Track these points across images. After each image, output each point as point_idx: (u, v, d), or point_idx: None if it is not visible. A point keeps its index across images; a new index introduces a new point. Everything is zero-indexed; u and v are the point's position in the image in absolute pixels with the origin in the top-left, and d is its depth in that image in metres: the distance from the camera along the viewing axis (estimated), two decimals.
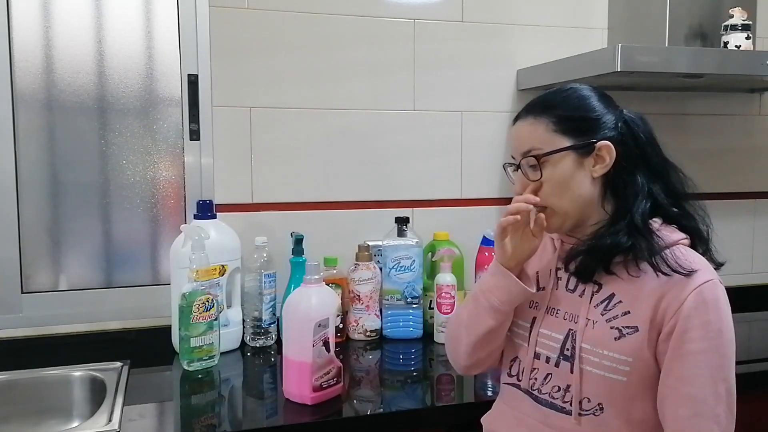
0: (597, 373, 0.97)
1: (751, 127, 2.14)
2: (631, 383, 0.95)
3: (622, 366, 0.95)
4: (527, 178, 1.02)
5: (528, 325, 1.07)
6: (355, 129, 1.79)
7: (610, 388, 0.96)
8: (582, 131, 0.99)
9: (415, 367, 1.58)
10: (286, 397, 1.30)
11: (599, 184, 1.00)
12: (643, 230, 0.96)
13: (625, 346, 0.95)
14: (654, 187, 1.00)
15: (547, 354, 1.03)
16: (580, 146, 0.98)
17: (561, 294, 1.04)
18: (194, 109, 1.69)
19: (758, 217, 2.16)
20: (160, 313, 1.64)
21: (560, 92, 1.05)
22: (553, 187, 1.00)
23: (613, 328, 0.96)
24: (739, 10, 1.70)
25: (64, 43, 1.61)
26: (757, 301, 2.11)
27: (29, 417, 1.43)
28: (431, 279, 1.77)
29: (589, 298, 1.00)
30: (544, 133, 0.99)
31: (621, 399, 0.96)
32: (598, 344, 0.97)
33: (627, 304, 0.96)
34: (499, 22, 1.87)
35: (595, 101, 1.02)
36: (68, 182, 1.65)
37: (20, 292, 1.63)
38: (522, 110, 1.05)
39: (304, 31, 1.73)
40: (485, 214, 1.89)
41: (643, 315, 0.94)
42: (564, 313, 1.03)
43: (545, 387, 1.03)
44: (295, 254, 1.66)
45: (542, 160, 0.99)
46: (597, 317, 0.98)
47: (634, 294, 0.96)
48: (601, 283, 0.99)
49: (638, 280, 0.96)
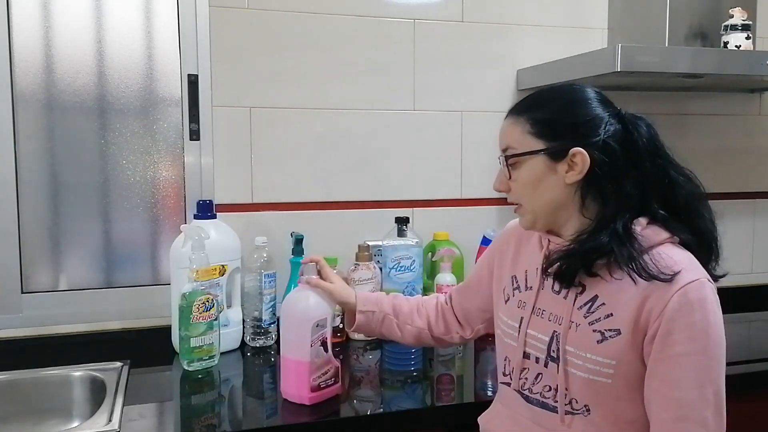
0: (581, 376, 0.96)
1: (751, 127, 2.14)
2: (617, 385, 0.94)
3: (605, 369, 0.93)
4: (505, 175, 1.03)
5: (516, 325, 1.06)
6: (355, 129, 1.79)
7: (595, 389, 0.95)
8: (557, 135, 0.97)
9: (415, 367, 1.58)
10: (284, 397, 1.30)
11: (576, 189, 0.97)
12: (624, 238, 0.92)
13: (608, 349, 0.93)
14: (650, 195, 0.96)
15: (536, 354, 1.03)
16: (552, 151, 0.97)
17: (547, 295, 1.03)
18: (194, 109, 1.69)
19: (758, 217, 2.16)
20: (160, 313, 1.64)
21: (549, 92, 1.03)
22: (522, 187, 1.01)
23: (596, 331, 0.94)
24: (739, 10, 1.70)
25: (64, 43, 1.62)
26: (757, 301, 2.11)
27: (29, 417, 1.43)
28: (431, 279, 1.77)
29: (573, 300, 0.98)
30: (521, 134, 0.99)
31: (608, 400, 0.95)
32: (581, 347, 0.96)
33: (610, 306, 0.94)
34: (499, 22, 1.87)
35: (582, 105, 0.98)
36: (68, 182, 1.65)
37: (20, 292, 1.63)
38: (511, 107, 1.05)
39: (304, 31, 1.73)
40: (485, 214, 1.89)
41: (626, 318, 0.92)
42: (549, 314, 1.01)
43: (536, 387, 1.03)
44: (295, 254, 1.66)
45: (513, 160, 1.00)
46: (580, 320, 0.97)
47: (617, 296, 0.93)
48: (585, 284, 0.97)
49: (622, 282, 0.94)
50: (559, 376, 0.98)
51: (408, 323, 1.28)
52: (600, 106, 0.98)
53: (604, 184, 0.95)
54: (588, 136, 0.95)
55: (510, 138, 1.01)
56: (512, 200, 1.04)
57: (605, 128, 0.96)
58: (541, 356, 1.01)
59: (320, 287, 1.26)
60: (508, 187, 1.03)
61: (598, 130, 0.96)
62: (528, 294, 1.06)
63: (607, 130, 0.96)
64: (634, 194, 0.95)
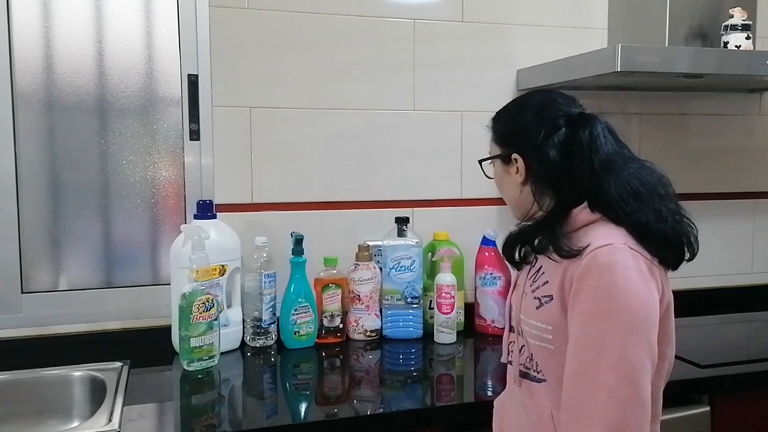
0: (532, 342, 1.02)
1: (751, 127, 2.14)
2: (559, 351, 0.96)
3: (545, 334, 0.99)
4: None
5: (508, 302, 1.15)
6: (355, 129, 1.79)
7: (546, 357, 1.00)
8: (506, 143, 1.10)
9: (415, 367, 1.58)
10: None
11: (527, 186, 1.07)
12: (548, 224, 1.01)
13: (544, 314, 0.99)
14: (584, 194, 0.99)
15: (513, 326, 1.10)
16: (502, 156, 1.10)
17: (522, 272, 1.10)
18: (194, 109, 1.69)
19: (758, 217, 2.16)
20: (160, 313, 1.64)
21: (511, 102, 1.15)
22: (496, 186, 1.16)
23: (536, 298, 1.01)
24: (739, 10, 1.70)
25: (64, 43, 1.61)
26: (757, 301, 2.11)
27: (29, 417, 1.43)
28: (431, 279, 1.77)
29: (527, 272, 1.06)
30: (491, 142, 1.15)
31: (557, 367, 0.97)
32: (527, 314, 1.03)
33: (547, 275, 1.00)
34: (499, 22, 1.87)
35: (525, 113, 1.07)
36: (68, 182, 1.65)
37: (20, 292, 1.63)
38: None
39: (303, 31, 1.73)
40: (485, 214, 1.89)
41: (556, 283, 0.97)
42: (519, 287, 1.09)
43: (521, 358, 1.06)
44: (295, 254, 1.66)
45: (485, 164, 1.16)
46: (527, 288, 1.04)
47: (551, 264, 0.99)
48: (538, 257, 1.05)
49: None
50: (524, 343, 1.04)
51: None
52: (548, 112, 1.05)
53: (544, 182, 1.05)
54: (525, 141, 1.06)
55: (489, 145, 1.16)
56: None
57: (545, 133, 1.03)
58: (516, 327, 1.08)
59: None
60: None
61: (535, 136, 1.04)
62: (517, 273, 1.14)
63: (546, 135, 1.03)
64: (572, 190, 1.01)
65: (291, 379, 1.52)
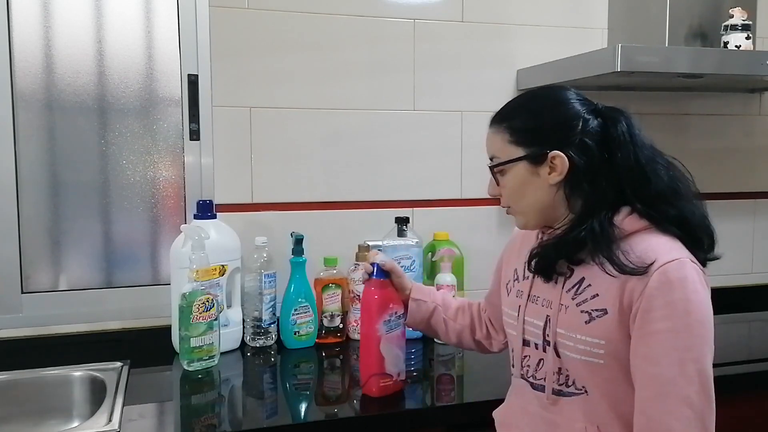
0: (575, 357, 0.97)
1: (751, 127, 2.14)
2: (610, 366, 0.95)
3: (596, 349, 0.95)
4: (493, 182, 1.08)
5: (515, 314, 1.09)
6: (355, 129, 1.79)
7: (590, 371, 0.97)
8: (536, 141, 1.00)
9: (415, 367, 1.58)
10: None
11: (559, 188, 1.00)
12: (599, 232, 0.95)
13: (596, 329, 0.95)
14: (625, 185, 0.97)
15: (534, 341, 1.05)
16: (532, 156, 1.00)
17: (540, 282, 1.05)
18: (194, 109, 1.69)
19: (758, 217, 2.16)
20: (160, 313, 1.64)
21: (525, 98, 1.07)
22: (510, 193, 1.05)
23: (584, 312, 0.97)
24: (739, 10, 1.70)
25: (64, 43, 1.61)
26: (757, 301, 2.11)
27: (29, 417, 1.43)
28: (431, 279, 1.77)
29: (562, 284, 1.01)
30: (501, 143, 1.03)
31: (603, 382, 0.96)
32: (571, 328, 0.98)
33: (596, 287, 0.96)
34: (499, 22, 1.87)
35: (556, 107, 1.01)
36: (68, 182, 1.65)
37: (20, 292, 1.63)
38: (493, 115, 1.08)
39: (303, 31, 1.73)
40: (485, 214, 1.89)
41: (611, 297, 0.94)
42: (542, 299, 1.04)
43: (539, 373, 1.04)
44: (295, 254, 1.66)
45: (498, 168, 1.05)
46: (569, 302, 0.99)
47: (602, 277, 0.95)
48: (573, 269, 1.00)
49: (605, 264, 0.96)
50: (553, 358, 1.00)
51: (453, 319, 1.31)
52: (575, 105, 1.01)
53: (584, 180, 0.98)
54: (565, 137, 0.98)
55: (493, 148, 1.06)
56: (504, 204, 1.09)
57: (582, 127, 0.98)
58: (539, 342, 1.04)
59: (393, 271, 1.28)
60: (497, 192, 1.08)
61: (574, 130, 0.98)
62: (525, 283, 1.09)
63: (583, 128, 0.98)
64: (612, 187, 0.97)
65: (291, 379, 1.52)
